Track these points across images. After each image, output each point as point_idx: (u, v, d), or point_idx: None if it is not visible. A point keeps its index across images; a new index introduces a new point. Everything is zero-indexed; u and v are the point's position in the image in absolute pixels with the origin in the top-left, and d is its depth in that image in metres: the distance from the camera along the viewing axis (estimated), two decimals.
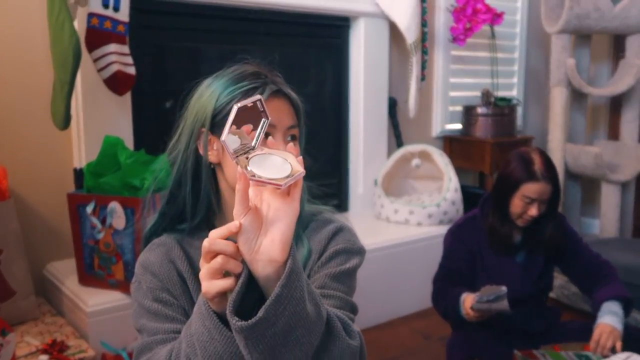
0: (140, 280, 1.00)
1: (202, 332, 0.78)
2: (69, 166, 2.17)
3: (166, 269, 0.99)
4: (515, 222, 1.85)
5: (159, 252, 1.01)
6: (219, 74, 1.02)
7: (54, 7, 1.81)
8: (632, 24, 3.14)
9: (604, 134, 3.88)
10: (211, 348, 0.78)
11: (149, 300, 0.97)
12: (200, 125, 0.97)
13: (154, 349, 0.92)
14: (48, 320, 1.93)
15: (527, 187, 1.79)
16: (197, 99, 1.00)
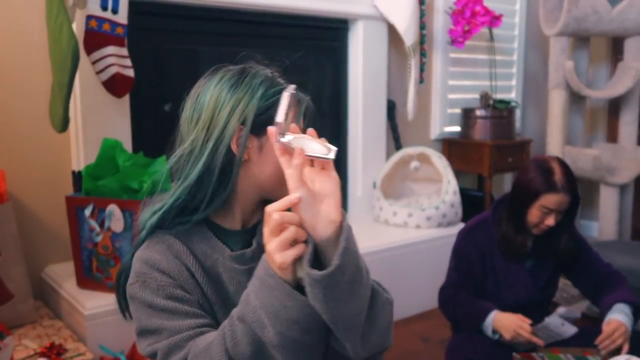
0: (146, 279, 0.97)
1: (271, 304, 0.84)
2: (67, 169, 2.17)
3: (175, 264, 0.99)
4: (531, 231, 1.83)
5: (160, 248, 1.00)
6: (236, 73, 1.04)
7: (52, 9, 1.81)
8: (630, 27, 3.15)
9: (603, 136, 3.88)
10: (284, 316, 0.84)
11: (160, 299, 0.96)
12: (240, 122, 0.99)
13: (185, 347, 0.92)
14: (46, 323, 1.93)
15: (546, 198, 1.75)
16: (230, 94, 1.01)
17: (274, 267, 0.84)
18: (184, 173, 1.00)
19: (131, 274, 0.99)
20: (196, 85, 1.08)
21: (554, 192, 1.74)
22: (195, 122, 1.02)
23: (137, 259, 0.99)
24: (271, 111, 0.99)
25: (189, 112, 1.05)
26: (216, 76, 1.05)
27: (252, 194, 1.05)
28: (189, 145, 1.01)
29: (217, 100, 1.01)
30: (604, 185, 3.31)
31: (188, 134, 1.03)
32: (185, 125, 1.05)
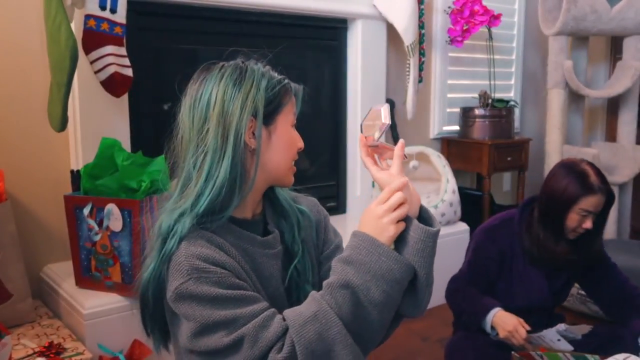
0: (201, 274, 0.97)
1: (379, 267, 0.99)
2: (66, 168, 2.17)
3: (225, 257, 1.02)
4: (567, 236, 1.82)
5: (204, 243, 1.01)
6: (236, 68, 1.08)
7: (50, 9, 1.80)
8: (628, 26, 3.15)
9: (602, 135, 3.89)
10: (390, 277, 0.99)
11: (224, 290, 0.98)
12: (252, 115, 1.04)
13: (272, 324, 0.97)
14: (45, 322, 1.93)
15: (586, 201, 1.74)
16: (236, 89, 1.05)
17: (383, 238, 1.01)
18: (208, 172, 1.02)
19: (177, 274, 0.98)
20: (191, 85, 1.10)
21: (593, 193, 1.74)
22: (202, 120, 1.05)
23: (186, 257, 0.99)
24: (276, 101, 1.08)
25: (190, 112, 1.06)
26: (213, 74, 1.07)
27: (261, 183, 1.10)
28: (208, 144, 1.03)
29: (223, 96, 1.04)
30: None
31: (196, 134, 1.05)
32: (188, 125, 1.07)
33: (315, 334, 0.96)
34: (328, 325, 0.97)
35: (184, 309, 0.98)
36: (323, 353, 0.96)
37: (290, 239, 1.18)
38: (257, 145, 1.05)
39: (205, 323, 0.97)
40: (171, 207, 1.05)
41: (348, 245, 1.04)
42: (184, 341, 1.01)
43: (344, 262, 1.01)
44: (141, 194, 1.81)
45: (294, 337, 0.96)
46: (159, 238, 1.03)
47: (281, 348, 0.96)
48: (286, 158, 1.11)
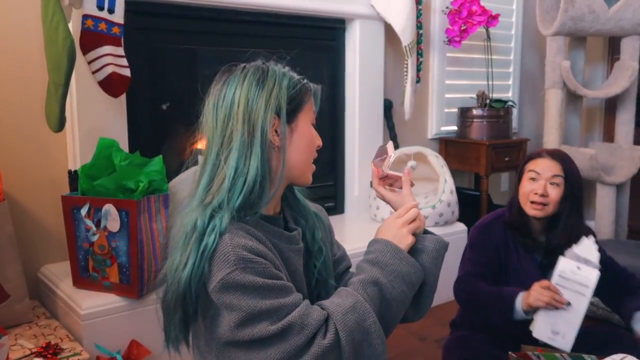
0: (247, 265, 1.01)
1: (400, 270, 1.14)
2: (63, 168, 2.17)
3: (264, 249, 1.07)
4: (525, 209, 1.83)
5: (246, 235, 1.05)
6: (258, 69, 1.12)
7: (48, 9, 1.80)
8: (626, 26, 3.15)
9: (599, 135, 3.89)
10: (408, 279, 1.15)
11: (268, 280, 1.02)
12: (275, 112, 1.09)
13: (313, 313, 1.04)
14: (42, 323, 1.92)
15: (532, 162, 1.84)
16: (259, 89, 1.09)
17: (402, 245, 1.17)
18: (236, 168, 1.06)
19: (223, 264, 1.01)
20: (213, 86, 1.14)
21: (538, 156, 1.84)
22: (225, 119, 1.09)
23: (233, 248, 1.02)
24: (297, 99, 1.13)
25: (214, 112, 1.11)
26: (236, 74, 1.12)
27: (282, 180, 1.14)
28: (233, 142, 1.07)
29: (247, 95, 1.08)
30: (600, 185, 3.32)
31: (220, 132, 1.09)
32: (211, 124, 1.11)
33: (355, 323, 1.05)
34: (365, 315, 1.07)
35: (228, 298, 1.01)
36: (360, 341, 1.06)
37: (310, 237, 1.25)
38: (282, 142, 1.10)
39: (251, 312, 1.00)
40: (198, 203, 1.09)
41: (373, 249, 1.17)
42: (224, 333, 1.03)
43: (372, 263, 1.15)
44: (139, 194, 1.81)
45: (337, 325, 1.04)
46: (193, 235, 1.05)
47: (325, 334, 1.03)
48: (307, 155, 1.17)
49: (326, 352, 1.02)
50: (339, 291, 1.13)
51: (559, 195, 1.80)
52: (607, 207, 3.31)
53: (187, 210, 1.10)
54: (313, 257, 1.25)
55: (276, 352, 1.01)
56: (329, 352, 1.02)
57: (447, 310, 1.95)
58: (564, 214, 1.81)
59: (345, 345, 1.03)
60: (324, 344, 1.02)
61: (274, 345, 1.01)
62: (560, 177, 1.80)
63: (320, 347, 1.02)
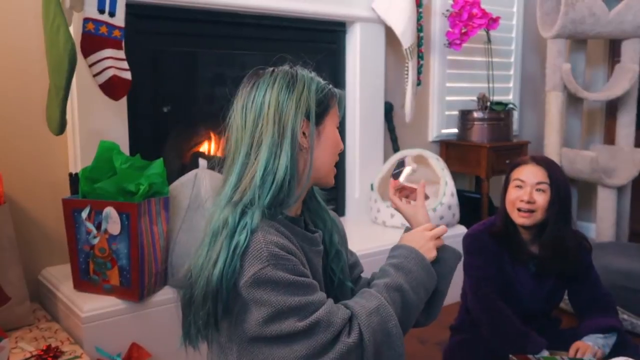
0: (278, 261, 1.04)
1: (422, 278, 1.22)
2: (64, 171, 2.17)
3: (293, 247, 1.10)
4: (513, 218, 1.83)
5: (276, 233, 1.08)
6: (287, 73, 1.16)
7: (49, 12, 1.81)
8: (627, 29, 3.15)
9: (600, 138, 3.89)
10: (426, 286, 1.23)
11: (298, 277, 1.05)
12: (305, 116, 1.13)
13: (339, 310, 1.08)
14: (43, 325, 1.93)
15: (517, 171, 1.83)
16: (289, 92, 1.13)
17: (428, 256, 1.25)
18: (265, 167, 1.09)
19: (255, 260, 1.03)
20: (242, 88, 1.18)
21: (523, 163, 1.84)
22: (255, 121, 1.12)
23: (265, 244, 1.04)
24: (325, 103, 1.17)
25: (243, 113, 1.14)
26: (265, 78, 1.15)
27: (308, 181, 1.17)
28: (262, 142, 1.10)
29: (278, 97, 1.12)
30: (601, 187, 3.32)
31: (250, 133, 1.12)
32: (240, 125, 1.14)
33: (378, 324, 1.09)
34: (387, 318, 1.11)
35: (259, 294, 1.03)
36: (382, 342, 1.10)
37: (328, 240, 1.28)
38: (310, 144, 1.14)
39: (280, 308, 1.02)
40: (226, 201, 1.12)
41: (398, 253, 1.25)
42: (250, 328, 1.05)
43: (397, 268, 1.21)
44: (139, 197, 1.81)
45: (361, 324, 1.08)
46: (223, 232, 1.07)
47: (349, 333, 1.07)
48: (331, 158, 1.21)
49: (350, 350, 1.05)
50: (362, 292, 1.18)
51: (545, 201, 1.78)
52: (608, 209, 3.30)
53: (214, 208, 1.13)
54: (330, 260, 1.29)
55: (301, 348, 1.03)
56: (352, 351, 1.06)
57: (447, 313, 1.94)
58: (552, 220, 1.79)
59: (368, 345, 1.07)
60: (349, 342, 1.05)
61: (299, 342, 1.03)
62: (546, 183, 1.79)
63: (345, 345, 1.05)
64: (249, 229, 1.05)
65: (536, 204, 1.78)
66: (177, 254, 1.96)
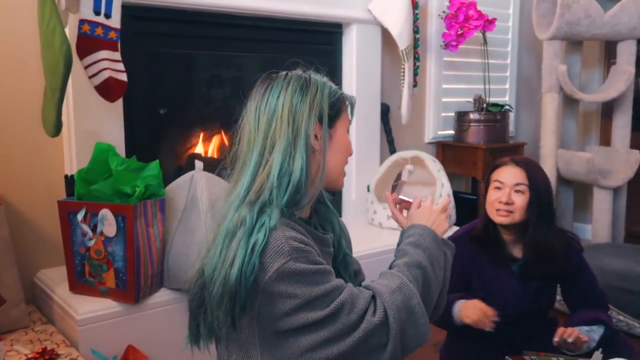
0: (299, 255, 1.06)
1: (438, 254, 1.25)
2: (59, 173, 2.16)
3: (309, 241, 1.12)
4: (492, 218, 1.83)
5: (292, 229, 1.11)
6: (300, 77, 1.19)
7: (44, 13, 1.80)
8: (622, 31, 3.16)
9: (596, 139, 3.90)
10: (442, 262, 1.27)
11: (318, 266, 1.08)
12: (317, 119, 1.15)
13: (361, 292, 1.11)
14: (38, 328, 1.92)
15: (497, 172, 1.84)
16: (303, 95, 1.15)
17: (440, 231, 1.29)
18: (280, 168, 1.11)
19: (277, 256, 1.05)
20: (255, 91, 1.20)
21: (502, 165, 1.84)
22: (269, 122, 1.14)
23: (285, 239, 1.06)
24: (337, 107, 1.20)
25: (256, 115, 1.16)
26: (278, 81, 1.18)
27: (320, 184, 1.19)
28: (276, 143, 1.12)
29: (291, 100, 1.14)
30: (597, 189, 3.32)
31: (263, 135, 1.14)
32: (253, 127, 1.16)
33: (401, 302, 1.11)
34: (410, 296, 1.13)
35: (284, 287, 1.05)
36: (406, 320, 1.11)
37: (337, 244, 1.32)
38: (323, 146, 1.17)
39: (307, 299, 1.05)
40: (240, 201, 1.13)
41: (413, 232, 1.27)
42: (277, 321, 1.06)
43: (414, 245, 1.23)
44: (135, 199, 1.80)
45: (385, 303, 1.10)
46: (239, 231, 1.08)
47: (374, 312, 1.09)
48: (342, 161, 1.25)
49: (375, 328, 1.07)
50: (383, 273, 1.21)
51: (524, 202, 1.78)
52: (604, 210, 3.31)
53: (227, 208, 1.15)
54: (338, 264, 1.32)
55: (328, 332, 1.06)
56: (378, 329, 1.08)
57: None
58: (532, 221, 1.79)
59: (393, 323, 1.09)
60: (374, 321, 1.07)
61: (326, 326, 1.06)
62: (524, 184, 1.78)
63: (371, 323, 1.07)
64: (267, 227, 1.07)
65: (514, 205, 1.78)
66: (173, 256, 1.95)
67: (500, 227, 1.84)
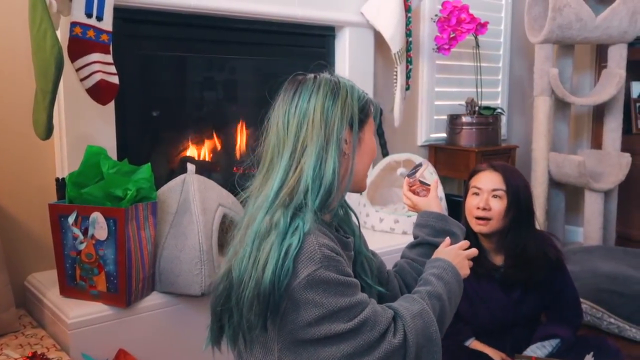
0: (330, 263, 1.07)
1: (455, 291, 1.27)
2: (51, 176, 2.15)
3: (339, 249, 1.13)
4: (471, 226, 1.83)
5: (324, 236, 1.11)
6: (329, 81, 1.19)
7: (35, 16, 1.80)
8: (613, 34, 3.18)
9: (587, 142, 3.92)
10: (458, 299, 1.29)
11: (347, 278, 1.09)
12: (349, 124, 1.17)
13: (384, 311, 1.12)
14: (29, 332, 1.91)
15: (474, 179, 1.85)
16: (334, 100, 1.16)
17: (462, 273, 1.31)
18: (313, 171, 1.11)
19: (309, 262, 1.05)
20: (284, 93, 1.20)
21: (480, 170, 1.86)
22: (299, 125, 1.14)
23: (319, 246, 1.07)
24: (365, 110, 1.22)
25: (285, 118, 1.16)
26: (308, 85, 1.18)
27: (344, 187, 1.21)
28: (307, 147, 1.13)
29: (323, 104, 1.15)
30: (588, 191, 3.34)
31: (293, 138, 1.14)
32: (281, 129, 1.16)
33: (421, 328, 1.13)
34: (429, 323, 1.15)
35: (311, 295, 1.05)
36: (423, 346, 1.13)
37: (357, 247, 1.33)
38: (353, 150, 1.17)
39: (331, 310, 1.05)
40: (269, 204, 1.13)
41: (439, 264, 1.30)
42: (299, 329, 1.06)
43: (438, 278, 1.26)
44: (127, 202, 1.80)
45: (406, 326, 1.11)
46: (271, 233, 1.08)
47: (394, 333, 1.10)
48: (368, 164, 1.26)
49: (395, 350, 1.08)
50: (405, 297, 1.22)
51: (501, 208, 1.78)
52: (595, 213, 3.33)
53: (254, 210, 1.15)
54: (358, 267, 1.33)
55: (348, 347, 1.06)
56: (396, 351, 1.08)
57: None
58: (512, 227, 1.79)
59: (411, 347, 1.10)
60: (394, 343, 1.08)
61: (347, 341, 1.06)
62: (502, 190, 1.79)
63: (391, 345, 1.08)
64: (302, 231, 1.07)
65: (492, 210, 1.78)
66: (165, 259, 1.95)
67: (481, 235, 1.84)
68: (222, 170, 2.70)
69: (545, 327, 1.85)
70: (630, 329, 2.50)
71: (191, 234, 1.93)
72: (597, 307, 2.56)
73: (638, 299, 2.53)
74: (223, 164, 2.71)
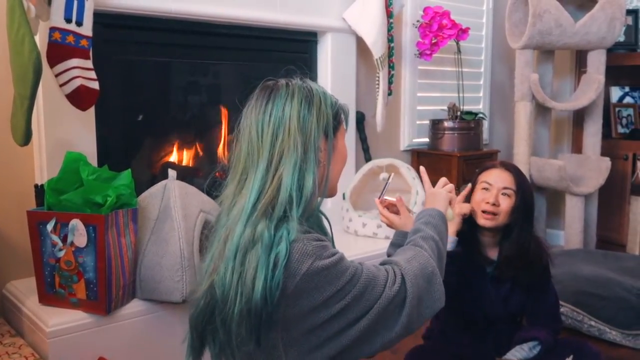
0: (322, 252, 1.09)
1: (442, 230, 1.35)
2: (29, 183, 2.12)
3: (319, 235, 1.15)
4: (476, 219, 1.85)
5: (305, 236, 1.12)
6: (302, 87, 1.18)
7: (14, 21, 1.78)
8: (592, 40, 3.23)
9: (568, 147, 3.96)
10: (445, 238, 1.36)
11: (335, 256, 1.11)
12: (324, 133, 1.17)
13: (376, 269, 1.16)
14: (7, 341, 1.88)
15: (484, 174, 1.89)
16: (309, 107, 1.15)
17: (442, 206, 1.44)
18: (292, 181, 1.11)
19: (304, 258, 1.06)
20: (256, 101, 1.18)
21: (491, 167, 1.91)
22: (274, 134, 1.13)
23: (308, 241, 1.08)
24: (337, 117, 1.23)
25: (259, 126, 1.14)
26: (281, 91, 1.16)
27: (321, 194, 1.21)
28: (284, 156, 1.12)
29: (299, 112, 1.14)
30: (569, 195, 3.37)
31: (269, 147, 1.12)
32: (254, 138, 1.14)
33: (418, 269, 1.17)
34: (425, 264, 1.19)
35: (313, 285, 1.06)
36: (423, 287, 1.17)
37: None
38: (328, 158, 1.19)
39: (335, 290, 1.07)
40: (247, 216, 1.10)
41: (425, 213, 1.38)
42: (303, 318, 1.07)
43: (426, 224, 1.33)
44: (106, 209, 1.78)
45: (402, 270, 1.16)
46: (256, 245, 1.07)
47: (393, 281, 1.14)
48: (341, 170, 1.28)
49: (394, 295, 1.12)
50: (398, 250, 1.28)
51: (509, 206, 1.83)
52: (575, 217, 3.36)
53: (231, 224, 1.12)
54: None
55: (354, 313, 1.09)
56: (396, 295, 1.12)
57: None
58: (517, 225, 1.83)
59: (410, 288, 1.13)
60: (394, 289, 1.12)
61: (352, 309, 1.09)
62: (512, 189, 1.83)
63: (391, 291, 1.12)
64: (286, 242, 1.06)
65: (500, 207, 1.82)
66: (145, 266, 1.93)
67: (482, 228, 1.87)
68: (204, 176, 2.69)
69: (526, 331, 1.87)
70: (610, 332, 2.52)
71: (172, 240, 1.91)
72: (577, 310, 2.58)
73: (618, 301, 2.55)
74: (205, 170, 2.70)
